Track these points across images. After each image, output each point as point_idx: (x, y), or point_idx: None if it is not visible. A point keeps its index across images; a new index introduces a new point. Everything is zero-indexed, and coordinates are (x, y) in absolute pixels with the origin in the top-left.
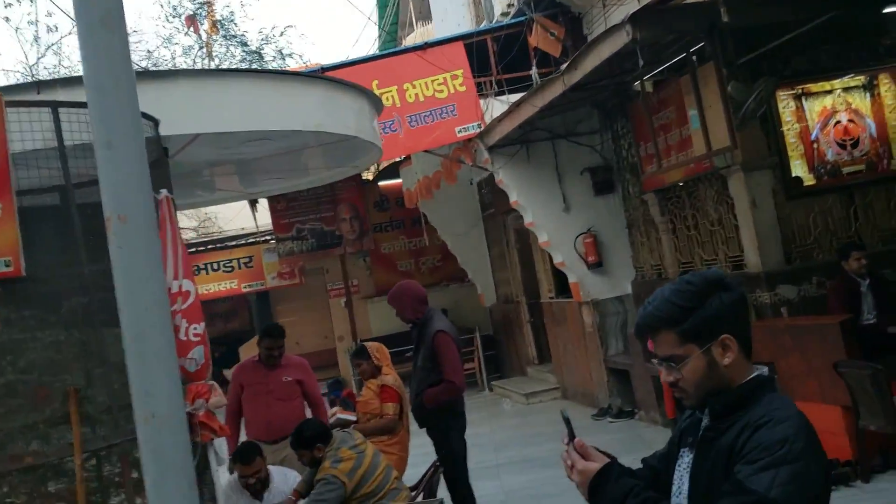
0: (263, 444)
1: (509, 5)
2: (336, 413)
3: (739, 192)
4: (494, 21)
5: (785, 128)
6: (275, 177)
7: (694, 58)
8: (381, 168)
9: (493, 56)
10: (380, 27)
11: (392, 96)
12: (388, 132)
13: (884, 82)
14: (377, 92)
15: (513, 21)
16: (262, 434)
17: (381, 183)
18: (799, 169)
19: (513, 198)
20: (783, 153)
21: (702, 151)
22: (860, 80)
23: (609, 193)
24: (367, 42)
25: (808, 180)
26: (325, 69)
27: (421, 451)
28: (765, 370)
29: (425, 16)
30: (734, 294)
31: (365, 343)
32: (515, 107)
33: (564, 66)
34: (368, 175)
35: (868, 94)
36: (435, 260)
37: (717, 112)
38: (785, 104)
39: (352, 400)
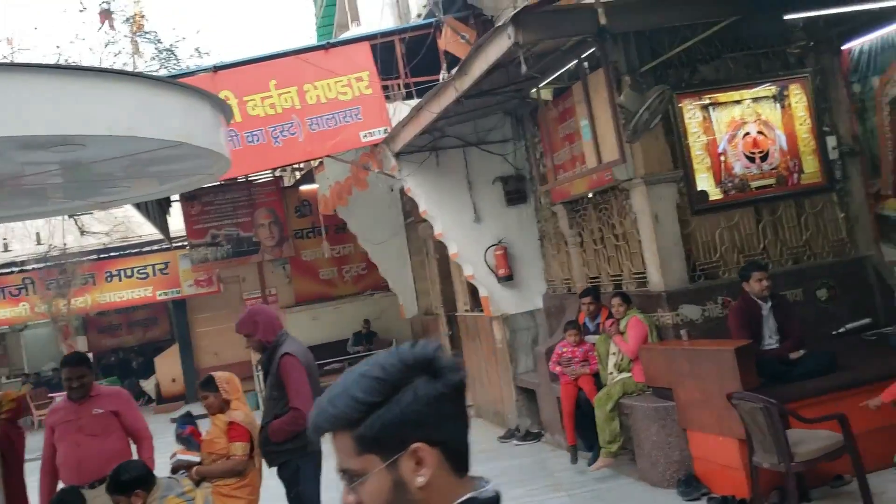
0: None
1: (424, 6)
2: (177, 454)
3: (642, 206)
4: (411, 22)
5: (691, 139)
6: (110, 187)
7: (585, 64)
8: (303, 172)
9: (402, 58)
10: (318, 28)
11: (291, 97)
12: (286, 135)
13: (794, 93)
14: (275, 93)
15: (423, 23)
16: (73, 477)
17: (302, 188)
18: (705, 182)
19: (422, 207)
20: (688, 166)
21: (593, 164)
22: (770, 90)
23: (521, 204)
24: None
25: (715, 194)
26: (217, 68)
27: (276, 494)
28: (486, 489)
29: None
30: (439, 385)
31: (214, 373)
32: (416, 112)
33: (454, 70)
34: (292, 178)
35: (778, 105)
36: (359, 268)
37: (607, 122)
38: (691, 115)
39: (196, 438)
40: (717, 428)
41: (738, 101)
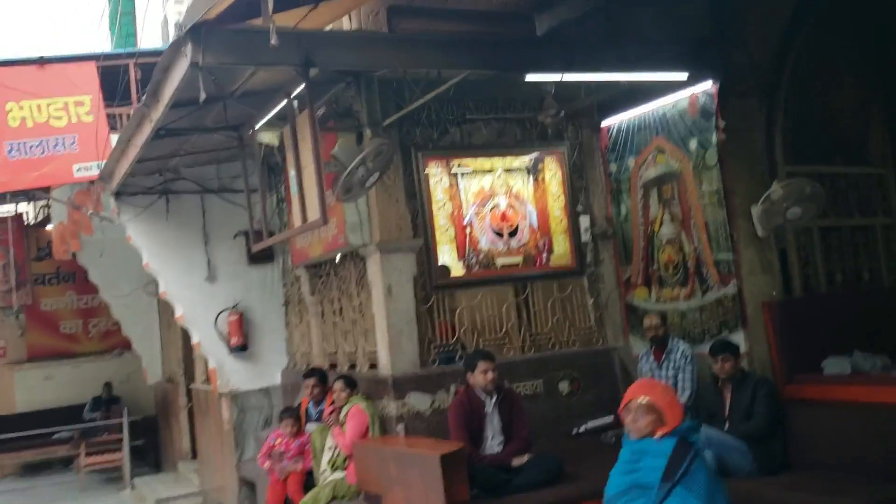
0: None
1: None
2: None
3: (375, 276)
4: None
5: (435, 207)
6: None
7: (295, 104)
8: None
9: (136, 84)
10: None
11: None
12: None
13: (550, 167)
14: None
15: (164, 47)
16: None
17: (49, 227)
18: (448, 256)
19: (144, 259)
20: (431, 236)
21: (298, 223)
22: (524, 161)
23: (267, 263)
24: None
25: (457, 269)
26: None
27: None
28: None
29: None
30: None
31: None
32: (125, 145)
33: (144, 95)
34: (42, 213)
35: (532, 179)
36: (108, 323)
37: (311, 175)
38: (438, 180)
39: None
40: None
41: (489, 171)
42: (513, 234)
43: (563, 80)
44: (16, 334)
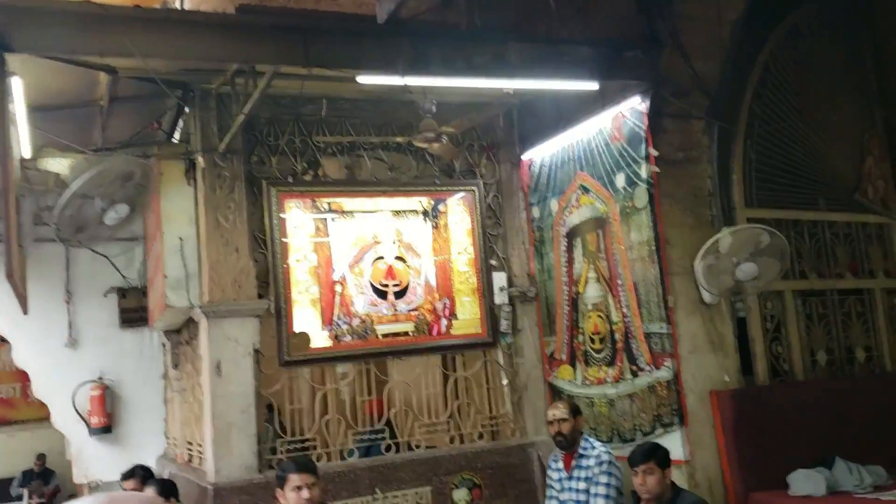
0: None
1: None
2: None
3: (204, 349)
4: None
5: (293, 257)
6: None
7: None
8: None
9: None
10: None
11: None
12: None
13: (455, 210)
14: None
15: None
16: None
17: None
18: (309, 321)
19: None
20: (284, 295)
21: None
22: (421, 203)
23: (143, 326)
24: None
25: (321, 340)
26: None
27: None
28: None
29: None
30: None
31: None
32: None
33: None
34: None
35: (430, 224)
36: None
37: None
38: (298, 224)
39: None
40: None
41: (371, 212)
42: (400, 294)
43: (406, 83)
44: None
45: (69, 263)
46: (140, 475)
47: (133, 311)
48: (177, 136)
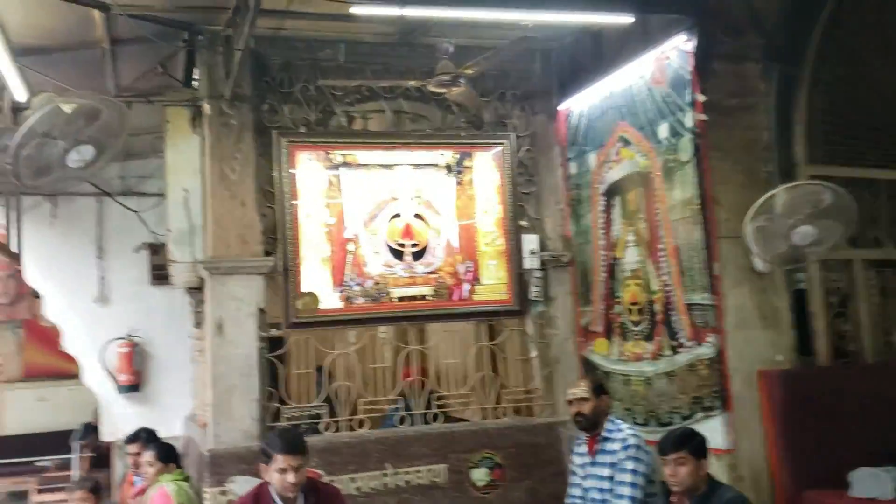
0: None
1: None
2: None
3: (207, 307)
4: None
5: (303, 214)
6: None
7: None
8: None
9: None
10: None
11: None
12: None
13: (481, 166)
14: None
15: None
16: None
17: None
18: (318, 281)
19: (24, 271)
20: (292, 253)
21: None
22: (444, 157)
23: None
24: None
25: (331, 301)
26: None
27: None
28: None
29: None
30: None
31: None
32: None
33: None
34: None
35: (453, 180)
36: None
37: None
38: (310, 177)
39: None
40: None
41: (388, 167)
42: (419, 255)
43: (405, 14)
44: (13, 350)
45: (101, 219)
46: (143, 438)
47: (163, 267)
48: (195, 84)
